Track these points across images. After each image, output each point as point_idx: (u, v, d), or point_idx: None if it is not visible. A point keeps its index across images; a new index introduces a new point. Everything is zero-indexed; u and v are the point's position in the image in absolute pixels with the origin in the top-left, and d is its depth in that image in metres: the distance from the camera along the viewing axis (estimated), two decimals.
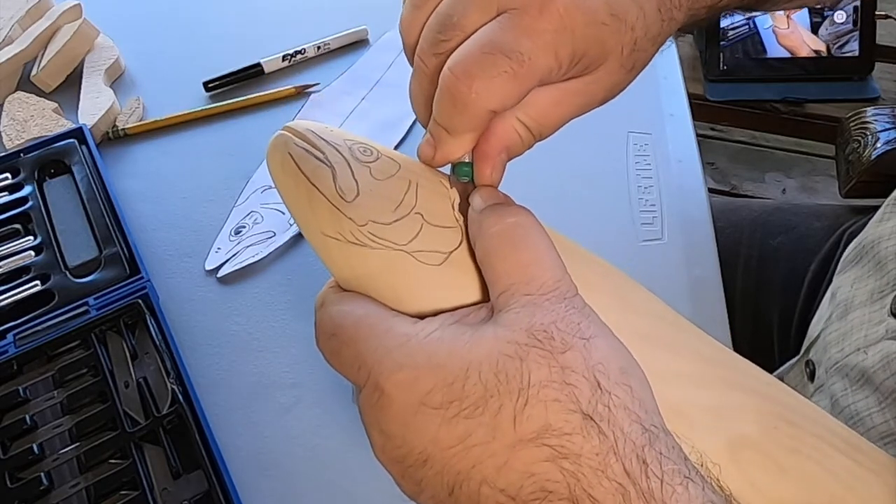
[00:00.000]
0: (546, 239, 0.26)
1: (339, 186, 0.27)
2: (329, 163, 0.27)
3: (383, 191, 0.27)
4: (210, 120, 0.61)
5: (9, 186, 0.53)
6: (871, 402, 0.39)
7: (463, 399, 0.22)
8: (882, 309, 0.40)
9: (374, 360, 0.23)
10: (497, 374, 0.22)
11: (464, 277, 0.26)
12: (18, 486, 0.40)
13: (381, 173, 0.28)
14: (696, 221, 0.53)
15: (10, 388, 0.43)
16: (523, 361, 0.22)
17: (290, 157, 0.27)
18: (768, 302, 0.59)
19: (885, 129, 0.64)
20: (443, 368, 0.22)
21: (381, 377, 0.23)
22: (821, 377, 0.44)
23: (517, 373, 0.22)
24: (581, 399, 0.21)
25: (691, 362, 0.28)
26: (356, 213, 0.26)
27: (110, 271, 0.48)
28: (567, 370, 0.22)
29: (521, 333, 0.22)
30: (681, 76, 0.63)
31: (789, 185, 1.49)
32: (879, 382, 0.39)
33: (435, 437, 0.22)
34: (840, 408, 0.41)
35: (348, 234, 0.26)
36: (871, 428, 0.39)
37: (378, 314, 0.25)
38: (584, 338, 0.23)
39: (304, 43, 0.64)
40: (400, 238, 0.26)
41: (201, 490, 0.40)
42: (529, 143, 0.30)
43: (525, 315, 0.23)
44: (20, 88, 0.62)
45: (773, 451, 0.27)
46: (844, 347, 0.42)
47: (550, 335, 0.22)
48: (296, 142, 0.28)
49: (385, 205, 0.27)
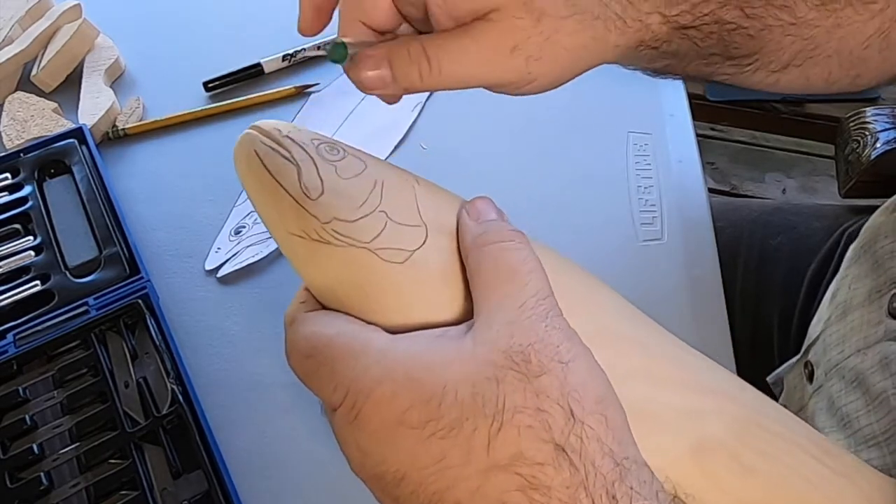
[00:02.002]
0: (535, 260, 0.26)
1: (303, 184, 0.27)
2: (294, 161, 0.27)
3: (348, 189, 0.27)
4: (210, 120, 0.61)
5: (9, 186, 0.53)
6: (860, 405, 0.39)
7: (439, 419, 0.22)
8: (880, 309, 0.40)
9: (352, 377, 0.23)
10: (473, 396, 0.22)
11: (427, 275, 0.26)
12: (18, 486, 0.40)
13: (346, 172, 0.28)
14: (696, 221, 0.53)
15: (10, 388, 0.43)
16: (500, 384, 0.22)
17: (255, 154, 0.28)
18: (768, 302, 0.59)
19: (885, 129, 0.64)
20: (420, 385, 0.22)
21: (359, 395, 0.23)
22: (819, 378, 0.44)
23: (493, 396, 0.22)
24: (554, 427, 0.21)
25: (662, 362, 0.28)
26: (320, 211, 0.26)
27: (110, 271, 0.48)
28: (542, 396, 0.22)
29: (499, 354, 0.22)
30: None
31: (789, 185, 1.49)
32: (873, 384, 0.39)
33: (411, 457, 0.22)
34: (835, 409, 0.41)
35: (312, 232, 0.26)
36: (857, 430, 0.39)
37: (352, 331, 0.25)
38: (561, 362, 0.23)
39: (304, 43, 0.64)
40: (363, 235, 0.26)
41: (201, 490, 0.40)
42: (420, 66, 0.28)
43: (505, 335, 0.23)
44: (20, 88, 0.62)
45: (740, 453, 0.27)
46: (845, 349, 0.42)
47: (528, 358, 0.22)
48: (262, 140, 0.28)
49: (349, 203, 0.27)
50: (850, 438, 0.39)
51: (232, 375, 0.46)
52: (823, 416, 0.42)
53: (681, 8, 0.30)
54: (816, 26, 0.33)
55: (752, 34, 0.32)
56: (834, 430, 0.41)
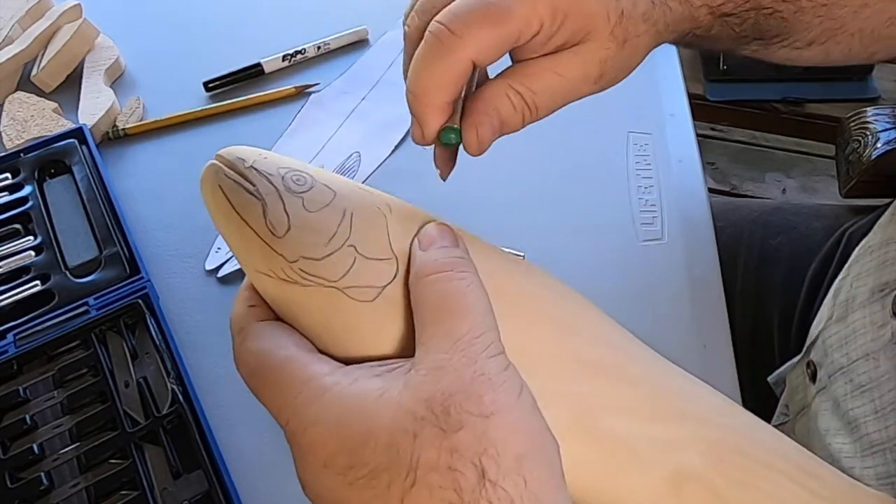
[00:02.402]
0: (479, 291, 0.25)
1: (269, 221, 0.26)
2: (259, 195, 0.26)
3: (315, 224, 0.26)
4: (210, 120, 0.61)
5: (9, 186, 0.53)
6: (868, 410, 0.39)
7: (360, 466, 0.22)
8: (884, 309, 0.40)
9: (293, 410, 0.23)
10: (389, 448, 0.22)
11: (396, 313, 0.26)
12: (18, 486, 0.40)
13: (313, 204, 0.26)
14: (696, 221, 0.53)
15: (10, 388, 0.43)
16: (416, 438, 0.21)
17: (220, 189, 0.27)
18: (768, 302, 0.59)
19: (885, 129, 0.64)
20: (348, 431, 0.22)
21: (298, 429, 0.23)
22: (822, 379, 0.44)
23: (408, 449, 0.21)
24: (465, 489, 0.21)
25: (640, 392, 0.28)
26: (287, 250, 0.25)
27: (110, 271, 0.48)
28: (455, 454, 0.21)
29: (420, 404, 0.22)
30: (681, 76, 0.63)
31: (789, 185, 1.49)
32: (886, 391, 0.38)
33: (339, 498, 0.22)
34: (841, 412, 0.41)
35: (279, 272, 0.25)
36: (864, 435, 0.39)
37: (300, 359, 0.25)
38: (483, 415, 0.22)
39: (304, 43, 0.64)
40: (332, 274, 0.25)
41: (201, 490, 0.40)
42: (524, 114, 0.30)
43: (430, 381, 0.22)
44: (20, 88, 0.62)
45: (717, 484, 0.27)
46: (850, 352, 0.42)
47: (447, 409, 0.22)
48: (226, 172, 0.27)
49: (317, 239, 0.26)
50: (855, 443, 0.39)
51: (232, 375, 0.46)
52: (828, 417, 0.42)
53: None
54: (845, 6, 0.34)
55: (785, 17, 0.34)
56: (840, 433, 0.41)
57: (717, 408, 0.29)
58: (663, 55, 0.64)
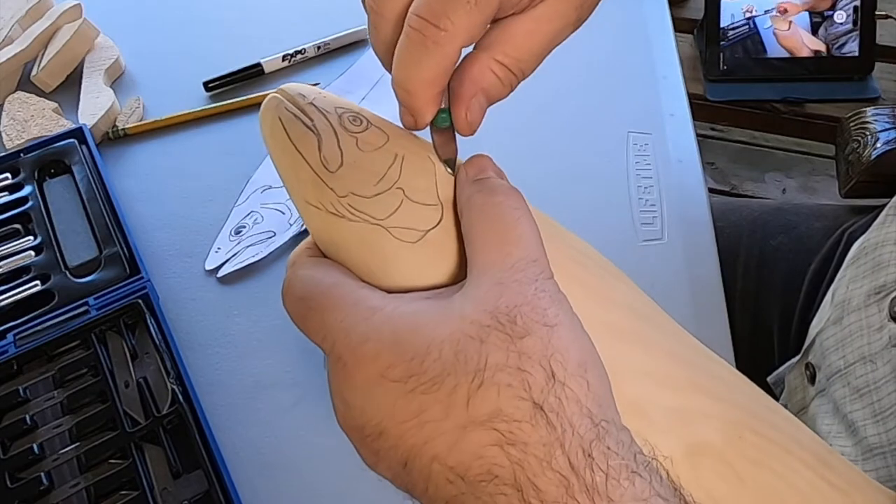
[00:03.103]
0: (530, 221, 0.26)
1: (323, 156, 0.27)
2: (316, 130, 0.27)
3: (367, 163, 0.27)
4: (210, 120, 0.61)
5: (9, 186, 0.53)
6: (867, 413, 0.39)
7: (421, 374, 0.22)
8: (880, 313, 0.40)
9: (341, 330, 0.23)
10: (456, 354, 0.22)
11: (438, 257, 0.26)
12: (18, 486, 0.40)
13: (367, 145, 0.27)
14: (696, 221, 0.53)
15: (10, 388, 0.43)
16: (483, 343, 0.22)
17: (279, 121, 0.28)
18: (768, 302, 0.59)
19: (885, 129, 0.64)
20: (406, 344, 0.22)
21: (345, 349, 0.23)
22: (821, 382, 0.44)
23: (475, 354, 0.22)
24: (534, 387, 0.22)
25: (660, 361, 0.28)
26: (338, 185, 0.26)
27: (110, 271, 0.48)
28: (524, 356, 0.22)
29: (485, 315, 0.22)
30: (681, 76, 0.63)
31: (789, 185, 1.49)
32: (885, 395, 0.38)
33: (391, 411, 0.22)
34: (841, 415, 0.41)
35: (328, 205, 0.26)
36: (863, 438, 0.39)
37: (348, 284, 0.25)
38: (547, 325, 0.23)
39: (304, 43, 0.64)
40: (379, 212, 0.26)
41: (201, 490, 0.40)
42: (510, 82, 0.29)
43: (493, 295, 0.23)
44: (20, 88, 0.62)
45: (733, 461, 0.27)
46: (846, 355, 0.42)
47: (513, 319, 0.22)
48: (287, 105, 0.28)
49: (367, 178, 0.27)
50: (856, 446, 0.39)
51: (232, 375, 0.46)
52: (828, 420, 0.42)
53: None
54: None
55: None
56: (840, 436, 0.41)
57: (738, 385, 0.29)
58: (663, 55, 0.64)
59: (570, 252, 0.29)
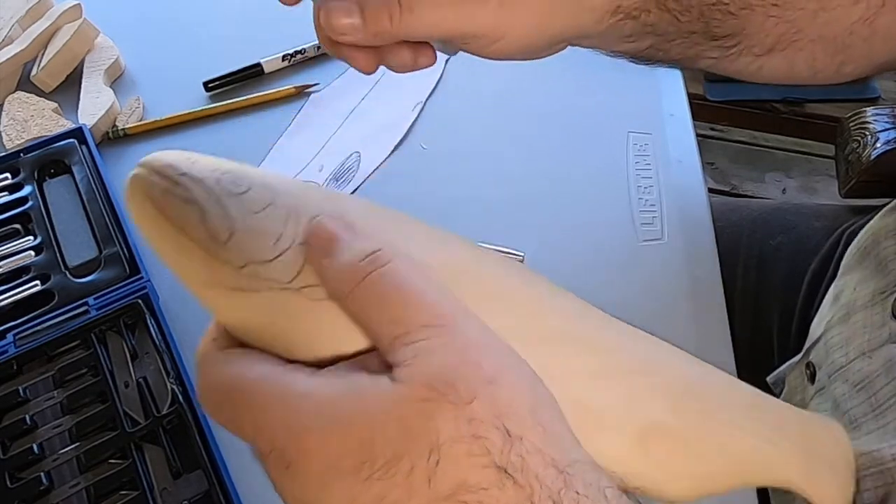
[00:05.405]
0: (414, 270, 0.23)
1: (209, 228, 0.23)
2: (196, 201, 0.24)
3: (260, 225, 0.24)
4: (210, 120, 0.61)
5: (9, 186, 0.53)
6: (867, 408, 0.39)
7: (374, 460, 0.21)
8: (884, 311, 0.40)
9: (277, 427, 0.22)
10: (405, 433, 0.21)
11: None
12: (18, 486, 0.40)
13: (256, 204, 0.24)
14: (696, 221, 0.53)
15: (10, 388, 0.43)
16: (430, 420, 0.21)
17: (149, 201, 0.24)
18: (768, 302, 0.59)
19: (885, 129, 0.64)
20: (349, 428, 0.21)
21: (288, 446, 0.21)
22: (822, 380, 0.44)
23: (424, 431, 0.21)
24: (493, 450, 0.21)
25: (596, 356, 0.27)
26: (233, 256, 0.23)
27: (110, 271, 0.48)
28: (475, 422, 0.21)
29: (421, 389, 0.21)
30: (681, 76, 0.63)
31: (789, 185, 1.49)
32: (878, 388, 0.38)
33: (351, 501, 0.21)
34: (841, 412, 0.41)
35: (227, 281, 0.23)
36: (865, 434, 0.39)
37: (273, 373, 0.23)
38: (488, 381, 0.22)
39: (304, 43, 0.64)
40: (284, 275, 0.24)
41: (201, 490, 0.40)
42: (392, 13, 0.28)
43: (420, 366, 0.21)
44: (20, 88, 0.62)
45: (682, 432, 0.27)
46: (849, 352, 0.42)
47: (452, 384, 0.21)
48: (155, 181, 0.24)
49: (263, 241, 0.24)
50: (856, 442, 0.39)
51: None
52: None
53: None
54: (800, 9, 0.32)
55: (732, 11, 0.32)
56: None
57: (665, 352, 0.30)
58: None
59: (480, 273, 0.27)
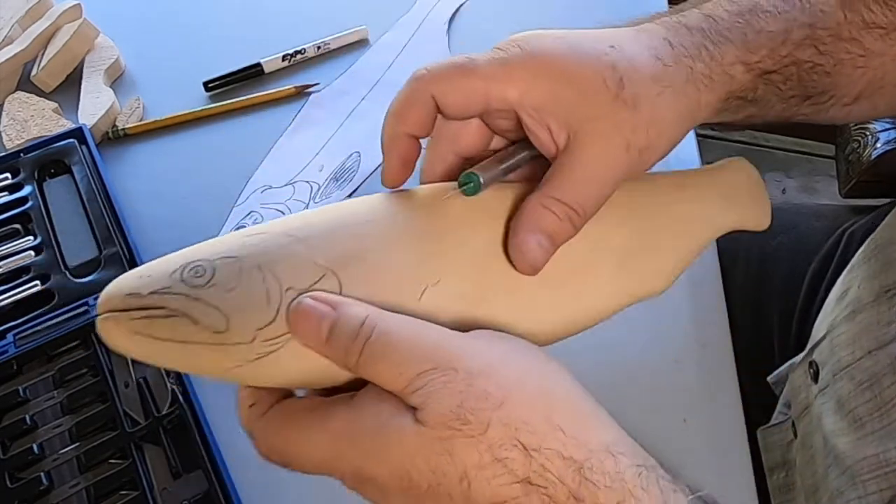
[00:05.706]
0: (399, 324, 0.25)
1: (205, 326, 0.24)
2: (178, 311, 0.24)
3: (245, 296, 0.25)
4: (210, 120, 0.61)
5: (9, 186, 0.53)
6: (872, 407, 0.39)
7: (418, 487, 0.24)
8: (890, 309, 0.40)
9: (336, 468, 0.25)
10: (434, 471, 0.23)
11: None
12: (18, 486, 0.40)
13: (228, 281, 0.25)
14: None
15: (10, 388, 0.43)
16: (452, 455, 0.23)
17: (136, 336, 0.24)
18: (768, 302, 0.59)
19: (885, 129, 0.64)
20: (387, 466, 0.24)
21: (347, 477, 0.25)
22: (825, 378, 0.44)
23: (451, 465, 0.23)
24: (515, 468, 0.23)
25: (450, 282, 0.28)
26: (239, 335, 0.24)
27: (110, 271, 0.48)
28: (494, 447, 0.23)
29: (439, 428, 0.23)
30: None
31: (789, 185, 1.49)
32: (885, 387, 0.38)
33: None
34: (845, 411, 0.41)
35: (246, 356, 0.25)
36: (870, 433, 0.39)
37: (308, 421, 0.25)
38: (498, 406, 0.23)
39: (304, 43, 0.64)
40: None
41: (201, 490, 0.40)
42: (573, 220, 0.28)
43: (432, 408, 0.23)
44: (20, 88, 0.62)
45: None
46: (855, 350, 0.41)
47: (465, 419, 0.23)
48: (130, 316, 0.24)
49: (257, 307, 0.25)
50: (860, 440, 0.39)
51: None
52: (831, 418, 0.42)
53: (761, 53, 0.31)
54: (883, 55, 0.34)
55: (827, 70, 0.33)
56: (843, 433, 0.41)
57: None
58: None
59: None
